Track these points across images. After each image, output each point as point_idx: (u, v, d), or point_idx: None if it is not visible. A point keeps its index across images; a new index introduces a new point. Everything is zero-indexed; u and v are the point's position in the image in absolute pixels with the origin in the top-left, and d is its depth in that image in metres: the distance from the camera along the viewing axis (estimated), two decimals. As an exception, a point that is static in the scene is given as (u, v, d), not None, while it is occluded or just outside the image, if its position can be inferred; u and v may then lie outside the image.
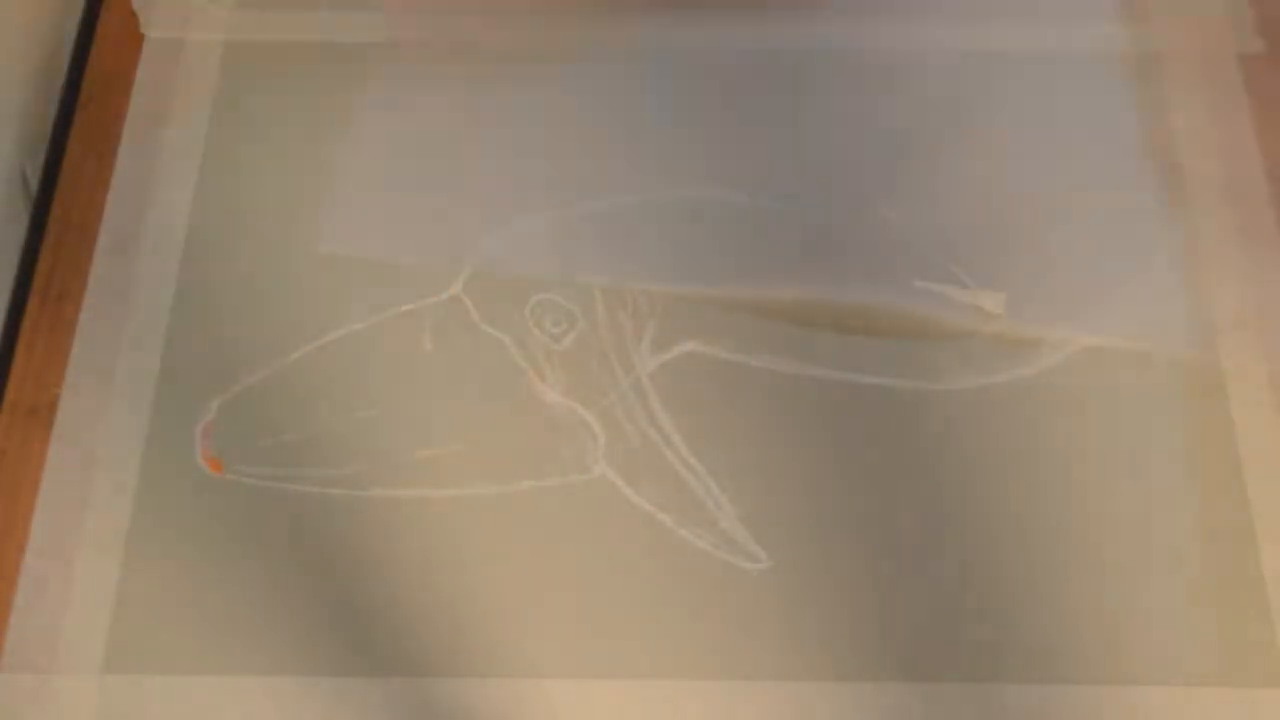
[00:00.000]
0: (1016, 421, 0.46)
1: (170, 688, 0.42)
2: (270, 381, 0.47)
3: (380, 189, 0.50)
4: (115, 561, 0.44)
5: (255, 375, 0.47)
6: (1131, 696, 0.42)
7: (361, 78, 0.53)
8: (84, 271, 0.49)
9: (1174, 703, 0.42)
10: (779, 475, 0.45)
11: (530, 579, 0.44)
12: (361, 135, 0.51)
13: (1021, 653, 0.43)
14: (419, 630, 0.43)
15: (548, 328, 0.48)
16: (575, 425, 0.46)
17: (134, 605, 0.43)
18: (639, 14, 0.53)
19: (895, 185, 0.50)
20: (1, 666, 0.42)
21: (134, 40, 0.54)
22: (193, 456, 0.46)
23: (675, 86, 0.52)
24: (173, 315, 0.48)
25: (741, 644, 0.43)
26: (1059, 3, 0.55)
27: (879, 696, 0.42)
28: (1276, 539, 0.44)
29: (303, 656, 0.42)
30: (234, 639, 0.43)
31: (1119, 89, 0.53)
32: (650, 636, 0.43)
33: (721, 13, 0.54)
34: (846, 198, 0.50)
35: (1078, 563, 0.44)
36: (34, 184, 0.52)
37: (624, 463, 0.46)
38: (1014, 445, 0.46)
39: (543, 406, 0.46)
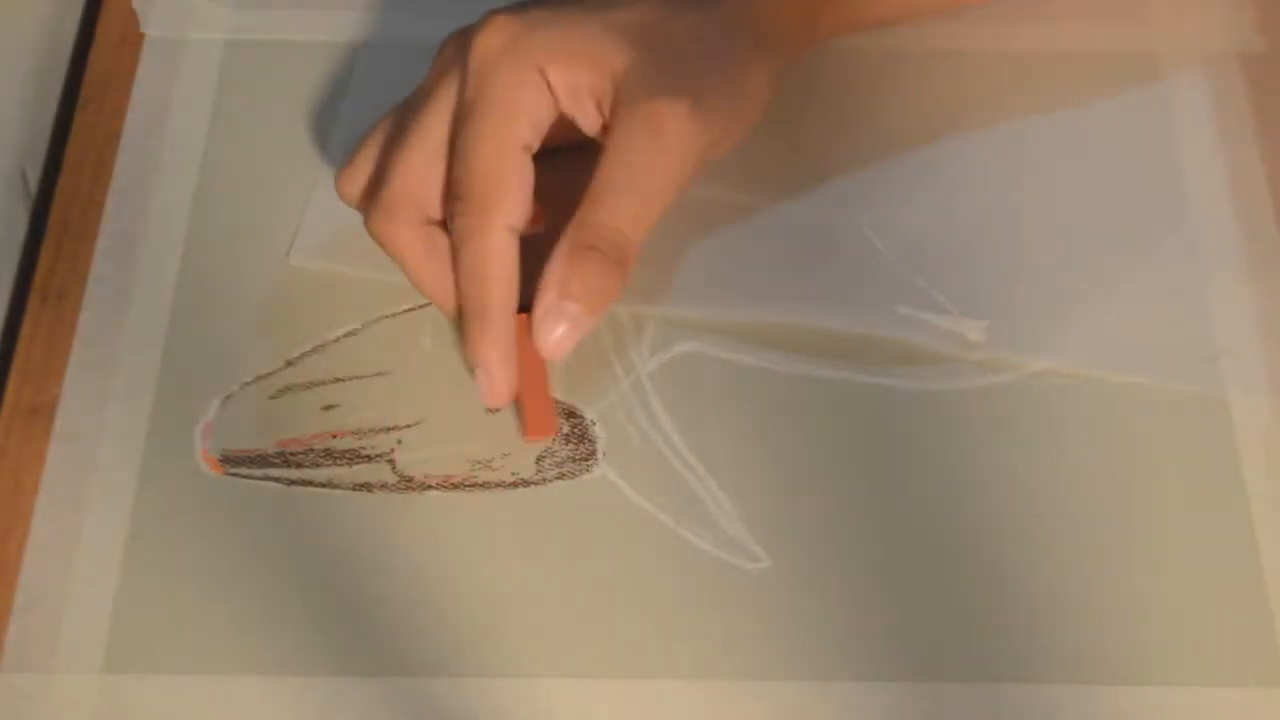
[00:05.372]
0: (1017, 422, 0.46)
1: (170, 688, 0.42)
2: (270, 381, 0.47)
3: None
4: (115, 561, 0.44)
5: (255, 375, 0.47)
6: (1131, 696, 0.42)
7: (363, 77, 0.53)
8: (84, 271, 0.49)
9: (1173, 702, 0.42)
10: (779, 475, 0.45)
11: (530, 579, 0.44)
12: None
13: (1021, 653, 0.43)
14: (419, 630, 0.43)
15: (548, 328, 0.48)
16: (575, 425, 0.46)
17: (134, 605, 0.43)
18: None
19: (878, 198, 0.50)
20: (1, 666, 0.42)
21: (134, 40, 0.54)
22: (193, 456, 0.46)
23: None
24: (173, 315, 0.48)
25: (741, 644, 0.43)
26: (1057, 2, 0.55)
27: (879, 696, 0.42)
28: (1276, 539, 0.44)
29: (303, 656, 0.42)
30: (234, 639, 0.43)
31: (1117, 88, 0.52)
32: (650, 636, 0.43)
33: None
34: (826, 212, 0.49)
35: (1076, 563, 0.44)
36: (34, 184, 0.52)
37: (624, 463, 0.46)
38: (1015, 446, 0.46)
39: (542, 406, 0.46)
